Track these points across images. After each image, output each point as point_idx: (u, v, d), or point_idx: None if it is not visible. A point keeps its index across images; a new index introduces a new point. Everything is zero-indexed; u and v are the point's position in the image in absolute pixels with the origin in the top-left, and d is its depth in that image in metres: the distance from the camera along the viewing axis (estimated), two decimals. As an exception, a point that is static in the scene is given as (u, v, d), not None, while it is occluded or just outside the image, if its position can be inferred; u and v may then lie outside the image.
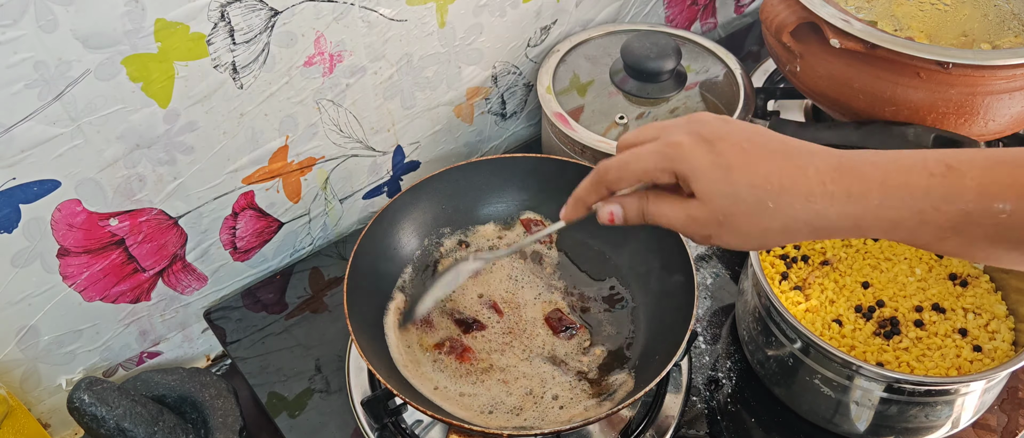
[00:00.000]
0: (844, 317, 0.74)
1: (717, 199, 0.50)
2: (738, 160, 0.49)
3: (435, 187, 0.83)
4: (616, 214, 0.55)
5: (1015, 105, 0.81)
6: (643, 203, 0.54)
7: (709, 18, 1.19)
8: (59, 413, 0.81)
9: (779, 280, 0.78)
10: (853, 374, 0.67)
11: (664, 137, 0.52)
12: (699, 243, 0.53)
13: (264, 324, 0.85)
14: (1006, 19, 0.94)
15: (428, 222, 0.84)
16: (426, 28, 0.82)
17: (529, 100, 1.02)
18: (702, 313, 0.86)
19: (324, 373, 0.81)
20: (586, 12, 0.98)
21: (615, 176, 0.54)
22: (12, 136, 0.61)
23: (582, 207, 0.57)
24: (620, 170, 0.53)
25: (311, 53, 0.75)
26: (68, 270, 0.72)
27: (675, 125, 0.53)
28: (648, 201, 0.54)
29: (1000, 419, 0.76)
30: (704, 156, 0.50)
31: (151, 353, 0.85)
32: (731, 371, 0.81)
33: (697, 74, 0.94)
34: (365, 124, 0.85)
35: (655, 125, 0.54)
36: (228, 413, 0.75)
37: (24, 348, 0.74)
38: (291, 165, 0.82)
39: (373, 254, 0.79)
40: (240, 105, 0.73)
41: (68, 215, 0.68)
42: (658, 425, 0.75)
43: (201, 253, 0.81)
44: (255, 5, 0.67)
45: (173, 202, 0.75)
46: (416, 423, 0.76)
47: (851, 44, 0.79)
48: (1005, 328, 0.73)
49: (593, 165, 0.83)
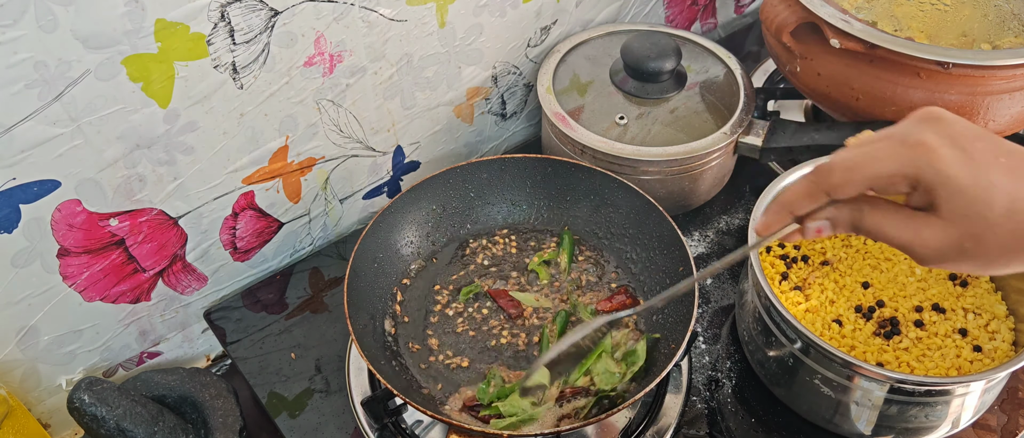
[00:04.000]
0: (844, 317, 0.74)
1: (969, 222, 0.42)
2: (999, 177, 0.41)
3: (435, 187, 0.84)
4: (825, 229, 0.47)
5: (1015, 105, 0.81)
6: (857, 214, 0.46)
7: (709, 18, 1.19)
8: (59, 413, 0.81)
9: (779, 280, 0.78)
10: (853, 374, 0.67)
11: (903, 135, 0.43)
12: (921, 263, 0.45)
13: (264, 324, 0.85)
14: (1006, 19, 0.94)
15: (429, 222, 0.85)
16: (426, 28, 0.82)
17: (529, 100, 1.02)
18: (702, 313, 0.86)
19: (324, 373, 0.81)
20: (586, 12, 0.98)
21: (840, 180, 0.45)
22: (12, 136, 0.61)
23: (788, 217, 0.48)
24: (848, 172, 0.44)
25: (311, 53, 0.75)
26: (68, 270, 0.72)
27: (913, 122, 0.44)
28: (864, 211, 0.45)
29: (1000, 419, 0.76)
30: (962, 167, 0.41)
31: (151, 353, 0.85)
32: (731, 371, 0.81)
33: (697, 74, 0.94)
34: (365, 124, 0.85)
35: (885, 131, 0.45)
36: (228, 413, 0.75)
37: (24, 348, 0.74)
38: (291, 165, 0.82)
39: (373, 254, 0.79)
40: (240, 105, 0.73)
41: (68, 215, 0.68)
42: (658, 425, 0.75)
43: (201, 253, 0.81)
44: (255, 5, 0.67)
45: (173, 202, 0.75)
46: (416, 423, 0.76)
47: (851, 44, 0.79)
48: (1005, 328, 0.73)
49: (593, 165, 0.84)
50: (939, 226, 0.43)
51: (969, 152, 0.42)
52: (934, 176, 0.42)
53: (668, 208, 0.86)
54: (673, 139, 0.87)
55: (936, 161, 0.42)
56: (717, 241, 0.93)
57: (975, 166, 0.42)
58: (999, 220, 0.42)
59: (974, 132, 0.43)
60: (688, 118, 0.89)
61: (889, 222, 0.45)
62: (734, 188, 0.96)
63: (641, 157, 0.84)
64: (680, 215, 0.93)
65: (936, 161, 0.42)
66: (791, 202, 0.48)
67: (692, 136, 0.87)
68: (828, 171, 0.46)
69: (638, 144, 0.86)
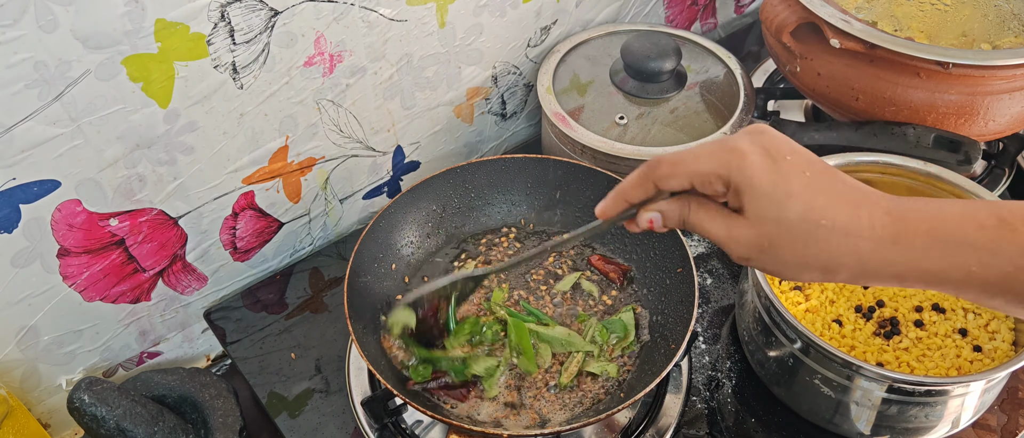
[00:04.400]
0: (844, 317, 0.74)
1: (766, 224, 0.47)
2: (798, 187, 0.46)
3: (436, 187, 0.84)
4: (656, 221, 0.52)
5: (1015, 105, 0.81)
6: (684, 210, 0.51)
7: (709, 18, 1.19)
8: (59, 413, 0.81)
9: (779, 280, 0.78)
10: (853, 374, 0.67)
11: (725, 141, 0.49)
12: (735, 261, 0.50)
13: (264, 324, 0.85)
14: (1006, 19, 0.94)
15: (429, 223, 0.85)
16: (426, 28, 0.82)
17: (529, 100, 1.02)
18: (702, 313, 0.86)
19: (324, 373, 0.81)
20: (586, 12, 0.98)
21: (666, 172, 0.50)
22: (12, 136, 0.61)
23: (623, 203, 0.53)
24: (673, 166, 0.50)
25: (311, 53, 0.75)
26: (68, 270, 0.72)
27: (740, 133, 0.49)
28: (690, 208, 0.51)
29: (1000, 419, 0.76)
30: (765, 174, 0.46)
31: (151, 353, 0.85)
32: (731, 371, 0.81)
33: (697, 74, 0.94)
34: (365, 124, 0.85)
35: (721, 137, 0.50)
36: (228, 413, 0.75)
37: (24, 348, 0.74)
38: (291, 165, 0.82)
39: (373, 255, 0.79)
40: (240, 105, 0.73)
41: (68, 215, 0.68)
42: (658, 425, 0.75)
43: (201, 253, 0.81)
44: (255, 5, 0.67)
45: (173, 202, 0.75)
46: (416, 423, 0.76)
47: (851, 44, 0.79)
48: (1005, 328, 0.73)
49: (593, 165, 0.84)
50: (745, 225, 0.48)
51: (777, 162, 0.47)
52: (742, 179, 0.47)
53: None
54: (673, 139, 0.87)
55: (746, 167, 0.47)
56: (717, 241, 0.92)
57: (779, 174, 0.46)
58: (792, 225, 0.46)
59: (788, 147, 0.48)
60: (688, 118, 0.89)
61: (710, 219, 0.50)
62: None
63: (641, 157, 0.84)
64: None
65: (746, 167, 0.47)
66: (625, 190, 0.53)
67: (692, 136, 0.87)
68: (657, 163, 0.51)
69: (638, 144, 0.86)
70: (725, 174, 0.48)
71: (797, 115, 1.03)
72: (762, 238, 0.47)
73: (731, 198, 0.49)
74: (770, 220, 0.47)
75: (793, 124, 0.89)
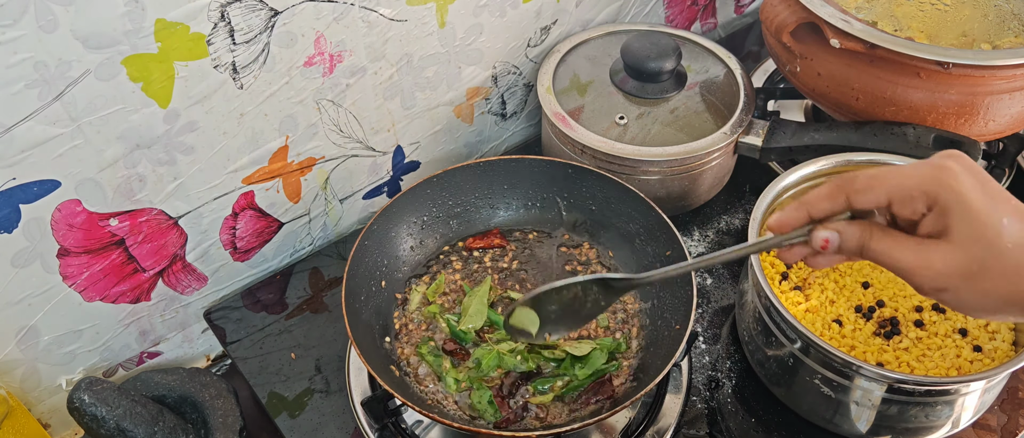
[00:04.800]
0: (844, 317, 0.74)
1: (978, 248, 0.43)
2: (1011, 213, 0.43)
3: (434, 187, 0.84)
4: (832, 240, 0.47)
5: (1015, 105, 0.81)
6: (866, 235, 0.47)
7: (709, 18, 1.19)
8: (59, 413, 0.81)
9: (779, 280, 0.78)
10: (853, 374, 0.67)
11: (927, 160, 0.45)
12: (924, 294, 0.46)
13: (264, 324, 0.85)
14: (1006, 19, 0.94)
15: (427, 223, 0.84)
16: (426, 28, 0.82)
17: (529, 100, 1.02)
18: (702, 313, 0.86)
19: (324, 373, 0.81)
20: (586, 12, 0.98)
21: (864, 185, 0.46)
22: (12, 136, 0.61)
23: (805, 215, 0.49)
24: (872, 179, 0.46)
25: (311, 53, 0.74)
26: (68, 270, 0.72)
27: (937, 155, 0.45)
28: (875, 235, 0.47)
29: (1000, 419, 0.76)
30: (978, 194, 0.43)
31: (151, 353, 0.85)
32: (731, 371, 0.81)
33: (697, 74, 0.94)
34: (365, 124, 0.85)
35: None
36: (228, 413, 0.75)
37: (24, 348, 0.74)
38: (291, 165, 0.82)
39: (372, 255, 0.79)
40: (240, 105, 0.73)
41: (68, 215, 0.68)
42: (658, 425, 0.75)
43: (201, 253, 0.81)
44: (255, 5, 0.67)
45: (173, 202, 0.75)
46: (416, 423, 0.76)
47: (851, 44, 0.79)
48: (1005, 328, 0.73)
49: (593, 166, 0.84)
50: (948, 250, 0.44)
51: (985, 185, 0.44)
52: (953, 197, 0.43)
53: (668, 208, 0.86)
54: (673, 139, 0.87)
55: (957, 184, 0.44)
56: (717, 241, 0.92)
57: (990, 197, 0.44)
58: (1008, 252, 0.43)
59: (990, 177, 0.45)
60: (688, 118, 0.89)
61: (898, 246, 0.46)
62: (734, 188, 0.96)
63: (641, 157, 0.84)
64: (680, 215, 0.93)
65: (957, 184, 0.44)
66: (811, 202, 0.49)
67: (692, 136, 0.87)
68: (853, 177, 0.47)
69: (638, 144, 0.86)
70: (933, 191, 0.44)
71: (797, 115, 1.03)
72: (972, 263, 0.43)
73: (932, 220, 0.45)
74: (983, 244, 0.43)
75: (793, 124, 0.89)
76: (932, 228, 0.45)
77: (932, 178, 0.44)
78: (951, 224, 0.44)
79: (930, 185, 0.44)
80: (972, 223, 0.43)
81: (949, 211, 0.44)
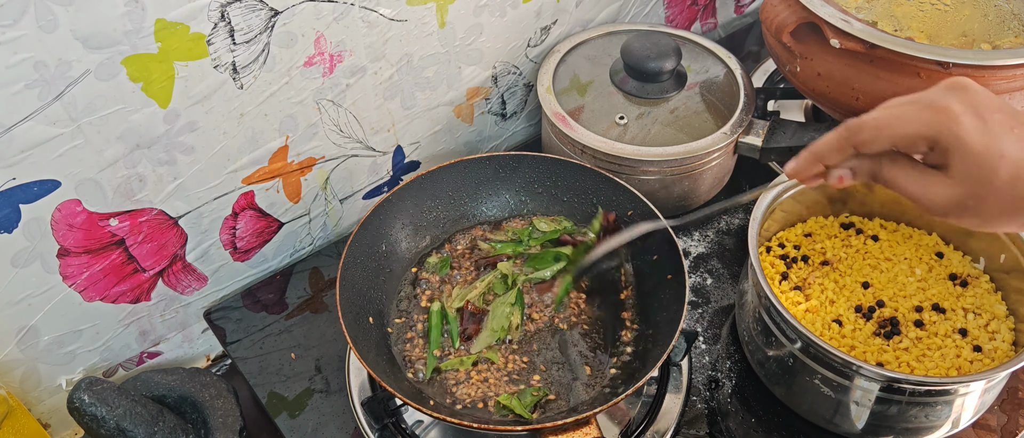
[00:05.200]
0: (844, 317, 0.74)
1: (974, 184, 0.46)
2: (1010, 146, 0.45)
3: (430, 183, 0.83)
4: (846, 177, 0.52)
5: (1015, 105, 0.81)
6: (877, 166, 0.50)
7: (709, 18, 1.19)
8: (59, 413, 0.81)
9: (779, 280, 0.78)
10: (853, 374, 0.67)
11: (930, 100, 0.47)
12: (928, 213, 0.50)
13: (264, 324, 0.85)
14: (1006, 19, 0.94)
15: (423, 221, 0.84)
16: (426, 28, 0.82)
17: (529, 100, 1.02)
18: (702, 313, 0.86)
19: (324, 373, 0.81)
20: (586, 12, 0.98)
21: (869, 136, 0.49)
22: (12, 136, 0.61)
23: (817, 165, 0.52)
24: (876, 130, 0.49)
25: (311, 53, 0.74)
26: (68, 270, 0.72)
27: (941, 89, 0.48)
28: (884, 164, 0.50)
29: (1000, 419, 0.76)
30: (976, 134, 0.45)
31: (151, 353, 0.85)
32: (731, 371, 0.81)
33: (697, 74, 0.94)
34: (365, 124, 0.85)
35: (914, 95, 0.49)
36: (228, 413, 0.75)
37: (24, 348, 0.74)
38: (291, 165, 0.82)
39: (367, 253, 0.79)
40: (240, 105, 0.73)
41: (68, 215, 0.68)
42: (658, 425, 0.75)
43: (201, 253, 0.81)
44: (255, 5, 0.67)
45: (173, 202, 0.75)
46: (416, 423, 0.76)
47: (851, 44, 0.79)
48: (1005, 328, 0.73)
49: (593, 166, 0.84)
50: (948, 184, 0.47)
51: (987, 121, 0.46)
52: (952, 140, 0.46)
53: (668, 208, 0.86)
54: (673, 139, 0.87)
55: (955, 127, 0.46)
56: (717, 241, 0.93)
57: (990, 135, 0.45)
58: (1002, 185, 0.46)
59: (995, 103, 0.47)
60: (688, 118, 0.89)
61: (904, 175, 0.49)
62: (734, 188, 0.96)
63: (641, 157, 0.84)
64: (680, 215, 0.93)
65: (955, 127, 0.46)
66: (822, 153, 0.52)
67: (692, 136, 0.87)
68: (858, 127, 0.50)
69: (638, 144, 0.86)
70: (932, 135, 0.47)
71: (797, 115, 1.03)
72: (967, 198, 0.47)
73: (934, 157, 0.48)
74: (979, 180, 0.46)
75: (793, 124, 0.89)
76: (936, 161, 0.48)
77: (932, 123, 0.47)
78: (950, 162, 0.47)
79: (930, 130, 0.47)
80: (968, 163, 0.46)
81: (949, 151, 0.46)
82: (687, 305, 0.71)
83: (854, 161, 0.51)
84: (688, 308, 0.72)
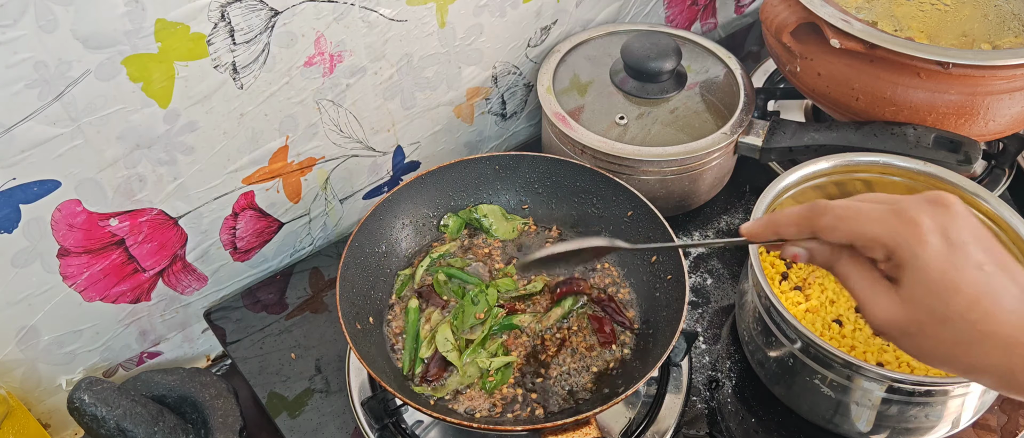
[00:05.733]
0: (844, 317, 0.74)
1: (920, 312, 0.43)
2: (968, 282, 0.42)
3: (430, 183, 0.83)
4: (801, 256, 0.50)
5: (1015, 105, 0.81)
6: (835, 257, 0.48)
7: (709, 18, 1.19)
8: (59, 413, 0.81)
9: (779, 280, 0.78)
10: (853, 374, 0.67)
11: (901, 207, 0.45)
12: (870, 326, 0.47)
13: (264, 324, 0.85)
14: (1006, 19, 0.94)
15: (422, 220, 0.84)
16: (426, 28, 0.82)
17: (529, 100, 1.02)
18: (702, 313, 0.86)
19: (324, 373, 0.81)
20: (586, 12, 0.98)
21: (828, 224, 0.47)
22: (12, 136, 0.61)
23: (772, 234, 0.50)
24: (838, 221, 0.47)
25: (311, 53, 0.75)
26: (68, 270, 0.72)
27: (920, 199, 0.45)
28: (842, 257, 0.48)
29: (1000, 419, 0.77)
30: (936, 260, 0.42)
31: (151, 353, 0.85)
32: (731, 371, 0.81)
33: (697, 74, 0.94)
34: (365, 124, 0.85)
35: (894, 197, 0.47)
36: (228, 413, 0.75)
37: (24, 348, 0.74)
38: (291, 165, 0.82)
39: (366, 253, 0.79)
40: (240, 105, 0.73)
41: (68, 215, 0.68)
42: (658, 425, 0.75)
43: (201, 253, 0.81)
44: (255, 5, 0.67)
45: (173, 202, 0.75)
46: (416, 423, 0.76)
47: (851, 44, 0.79)
48: (1005, 328, 0.73)
49: (593, 166, 0.84)
50: (895, 302, 0.45)
51: (953, 248, 0.43)
52: (908, 256, 0.43)
53: (668, 208, 0.86)
54: (673, 139, 0.87)
55: (916, 244, 0.43)
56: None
57: (950, 263, 0.43)
58: (949, 322, 0.43)
59: (972, 232, 0.44)
60: (688, 118, 0.89)
61: (857, 276, 0.47)
62: (734, 188, 0.96)
63: (641, 157, 0.84)
64: (680, 215, 0.93)
65: (916, 244, 0.43)
66: (780, 224, 0.50)
67: (692, 136, 0.87)
68: (822, 210, 0.47)
69: (638, 144, 0.86)
70: (891, 245, 0.44)
71: (797, 115, 1.03)
72: (910, 324, 0.44)
73: (889, 268, 0.45)
74: (926, 309, 0.43)
75: (793, 124, 0.89)
76: (890, 272, 0.46)
77: (895, 233, 0.44)
78: (903, 279, 0.44)
79: (890, 239, 0.44)
80: (919, 288, 0.43)
81: (903, 267, 0.44)
82: (687, 305, 0.71)
83: (813, 243, 0.49)
84: (688, 308, 0.72)
